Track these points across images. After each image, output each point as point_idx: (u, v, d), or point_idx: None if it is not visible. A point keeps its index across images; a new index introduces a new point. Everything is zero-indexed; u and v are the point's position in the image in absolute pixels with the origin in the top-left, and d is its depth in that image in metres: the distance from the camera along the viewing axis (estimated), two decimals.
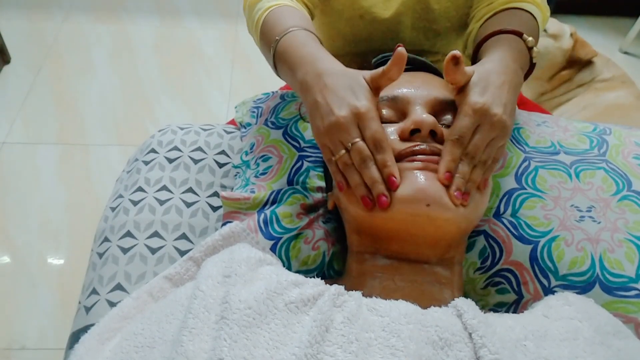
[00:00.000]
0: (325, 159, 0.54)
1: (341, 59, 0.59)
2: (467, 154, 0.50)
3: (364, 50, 0.82)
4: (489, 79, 0.52)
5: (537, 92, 1.49)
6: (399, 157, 0.50)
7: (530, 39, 0.61)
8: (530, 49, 0.61)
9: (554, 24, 1.43)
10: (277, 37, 0.61)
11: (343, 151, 0.50)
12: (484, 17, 0.70)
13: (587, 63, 1.44)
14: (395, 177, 0.48)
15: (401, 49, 0.49)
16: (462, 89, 0.52)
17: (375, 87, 0.52)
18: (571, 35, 1.43)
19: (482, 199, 0.53)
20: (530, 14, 0.67)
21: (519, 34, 0.61)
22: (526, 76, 0.63)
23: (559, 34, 1.41)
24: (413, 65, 0.63)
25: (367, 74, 0.53)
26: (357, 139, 0.49)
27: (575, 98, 1.44)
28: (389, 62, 0.50)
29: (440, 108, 0.55)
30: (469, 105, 0.50)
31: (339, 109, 0.50)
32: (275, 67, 0.65)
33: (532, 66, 0.63)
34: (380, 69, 0.52)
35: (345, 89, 0.51)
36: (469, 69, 0.52)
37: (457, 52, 0.49)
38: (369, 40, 0.80)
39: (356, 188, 0.50)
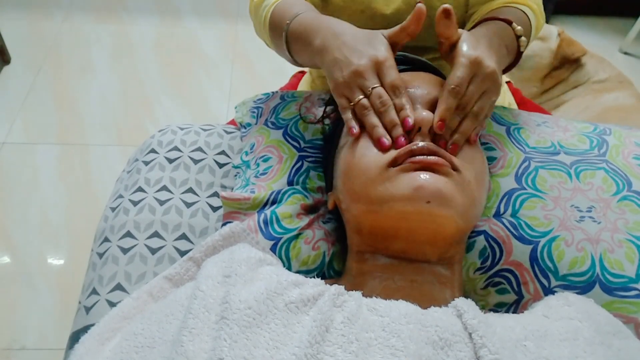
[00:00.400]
0: (341, 108, 0.55)
1: None
2: (459, 105, 0.51)
3: None
4: (478, 39, 0.55)
5: (531, 93, 1.49)
6: (399, 158, 0.50)
7: (518, 27, 0.62)
8: (518, 37, 0.62)
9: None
10: (287, 22, 0.63)
11: (362, 96, 0.52)
12: (481, 17, 0.71)
13: (577, 61, 1.44)
14: (410, 119, 0.51)
15: (421, 5, 0.52)
16: (452, 48, 0.54)
17: (393, 42, 0.54)
18: (559, 34, 1.43)
19: (481, 197, 0.53)
20: (525, 14, 0.68)
21: (509, 22, 0.62)
22: (513, 65, 0.65)
23: (546, 36, 1.42)
24: (413, 65, 0.63)
25: (385, 31, 0.55)
26: (377, 84, 0.52)
27: (573, 99, 1.44)
28: (408, 17, 0.53)
29: None
30: (465, 57, 0.52)
31: (358, 59, 0.53)
32: (290, 52, 0.66)
33: (518, 54, 0.64)
34: (398, 26, 0.54)
35: (364, 43, 0.54)
36: (458, 30, 0.54)
37: (447, 6, 0.51)
38: None
39: (373, 129, 0.52)
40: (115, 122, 1.69)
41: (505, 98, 0.99)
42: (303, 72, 1.07)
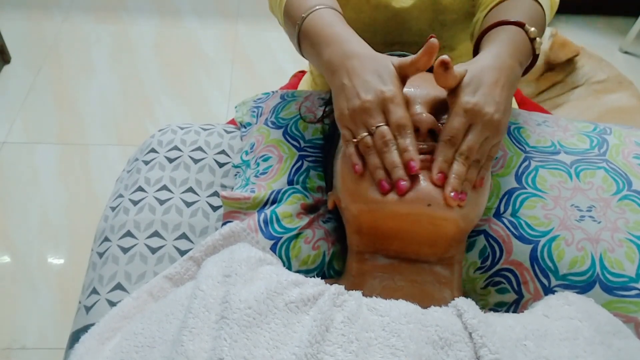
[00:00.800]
0: (343, 141, 0.54)
1: None
2: (461, 154, 0.49)
3: (371, 40, 0.82)
4: (482, 78, 0.51)
5: (527, 94, 1.49)
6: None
7: (532, 29, 0.59)
8: (532, 40, 0.59)
9: None
10: (302, 15, 0.61)
11: (365, 133, 0.50)
12: (490, 5, 0.68)
13: (570, 62, 1.44)
14: (414, 163, 0.48)
15: (434, 40, 0.49)
16: (454, 89, 0.52)
17: (402, 75, 0.52)
18: (552, 36, 1.43)
19: (482, 198, 0.53)
20: (538, 3, 0.65)
21: (522, 25, 0.59)
22: (530, 67, 0.62)
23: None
24: None
25: (396, 60, 0.52)
26: (382, 123, 0.50)
27: (573, 101, 1.44)
28: (420, 51, 0.50)
29: (439, 107, 0.55)
30: (460, 106, 0.50)
31: (365, 92, 0.51)
32: (300, 46, 0.64)
33: (535, 57, 0.61)
34: (409, 58, 0.51)
35: (373, 74, 0.51)
36: (460, 69, 0.52)
37: (445, 58, 0.49)
38: (373, 27, 0.79)
39: (374, 171, 0.50)
40: (115, 122, 1.69)
41: None
42: (303, 72, 1.07)
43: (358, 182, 0.52)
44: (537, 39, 0.59)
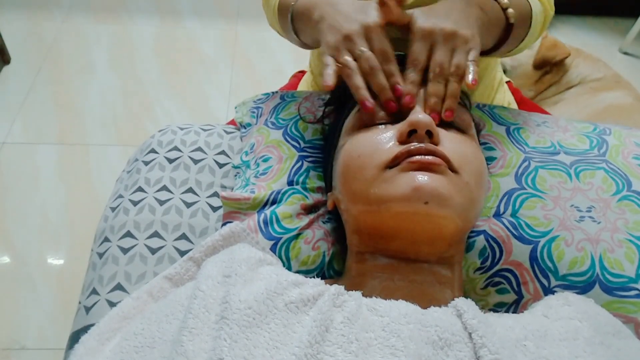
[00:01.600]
0: (323, 66, 0.55)
1: None
2: (435, 74, 0.51)
3: None
4: (432, 9, 0.55)
5: (526, 96, 1.49)
6: (396, 159, 0.50)
7: (505, 0, 0.61)
8: (505, 9, 0.61)
9: None
10: (292, 3, 0.64)
11: (348, 57, 0.53)
12: None
13: (561, 63, 1.45)
14: (400, 86, 0.51)
15: None
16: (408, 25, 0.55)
17: (385, 9, 0.55)
18: (541, 37, 1.44)
19: (480, 197, 0.53)
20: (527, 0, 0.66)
21: None
22: (504, 39, 0.63)
23: (534, 45, 1.43)
24: None
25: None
26: (365, 49, 0.53)
27: (570, 98, 1.44)
28: None
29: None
30: (416, 32, 0.53)
31: (349, 24, 0.54)
32: (296, 33, 0.67)
33: (509, 26, 0.62)
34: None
35: (357, 10, 0.55)
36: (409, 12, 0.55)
37: None
38: None
39: (357, 91, 0.53)
40: (115, 122, 1.69)
41: (505, 98, 0.99)
42: (303, 72, 1.07)
43: (358, 182, 0.52)
44: (510, 9, 0.61)
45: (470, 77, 0.52)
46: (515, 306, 0.59)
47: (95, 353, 0.48)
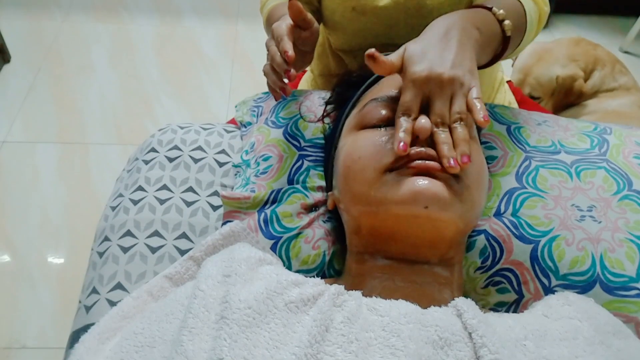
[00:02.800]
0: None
1: (347, 54, 0.60)
2: (437, 123, 0.50)
3: (362, 44, 0.82)
4: (426, 44, 0.52)
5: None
6: (396, 163, 0.50)
7: (500, 11, 0.59)
8: (501, 22, 0.59)
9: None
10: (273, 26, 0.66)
11: (266, 63, 0.62)
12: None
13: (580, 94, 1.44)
14: (287, 51, 0.56)
15: (370, 51, 0.51)
16: (401, 68, 0.53)
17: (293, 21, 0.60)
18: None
19: (481, 199, 0.53)
20: (519, 2, 0.65)
21: (489, 8, 0.60)
22: (502, 53, 0.62)
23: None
24: None
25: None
26: (272, 45, 0.61)
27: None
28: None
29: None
30: (408, 79, 0.50)
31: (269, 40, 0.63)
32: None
33: (505, 39, 0.61)
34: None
35: (278, 23, 0.62)
36: (399, 50, 0.53)
37: (371, 51, 0.51)
38: (364, 33, 0.80)
39: (273, 84, 0.63)
40: (115, 121, 1.69)
41: (506, 97, 0.99)
42: (303, 71, 1.07)
43: (358, 184, 0.52)
44: (506, 20, 0.59)
45: (480, 115, 0.49)
46: (516, 306, 0.59)
47: (96, 352, 0.48)
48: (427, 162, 0.49)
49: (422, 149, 0.49)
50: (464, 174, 0.50)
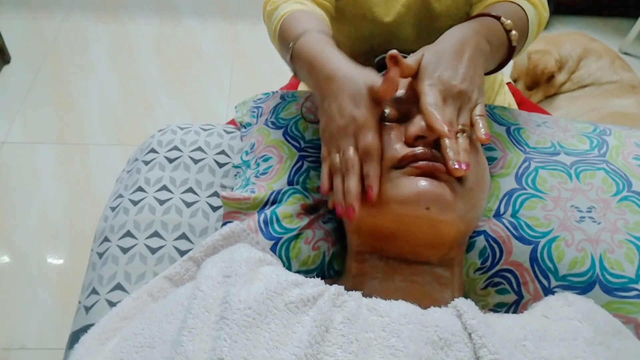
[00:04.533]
0: (322, 156, 0.56)
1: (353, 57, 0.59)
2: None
3: (367, 50, 0.82)
4: (441, 53, 0.54)
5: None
6: (402, 161, 0.50)
7: (508, 22, 0.61)
8: (508, 32, 0.61)
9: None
10: (291, 44, 0.63)
11: (336, 155, 0.52)
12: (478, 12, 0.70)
13: (551, 78, 1.45)
14: (372, 190, 0.49)
15: (393, 52, 0.51)
16: (416, 74, 0.54)
17: (376, 99, 0.52)
18: (528, 57, 1.44)
19: (482, 201, 0.53)
20: (522, 8, 0.66)
21: (497, 17, 0.61)
22: (507, 60, 0.64)
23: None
24: None
25: (370, 81, 0.53)
26: (350, 147, 0.51)
27: (582, 98, 1.42)
28: (382, 80, 0.51)
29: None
30: (423, 87, 0.52)
31: (340, 117, 0.52)
32: (295, 72, 0.66)
33: (511, 49, 0.63)
34: (381, 80, 0.52)
35: (347, 97, 0.53)
36: (417, 54, 0.54)
37: (393, 52, 0.51)
38: (371, 39, 0.80)
39: (335, 192, 0.52)
40: (115, 122, 1.69)
41: (506, 99, 0.99)
42: None
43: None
44: (513, 31, 0.61)
45: (482, 132, 0.52)
46: (515, 306, 0.59)
47: (95, 353, 0.48)
48: (433, 163, 0.49)
49: (427, 150, 0.50)
50: (466, 177, 0.51)
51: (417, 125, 0.51)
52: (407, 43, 0.80)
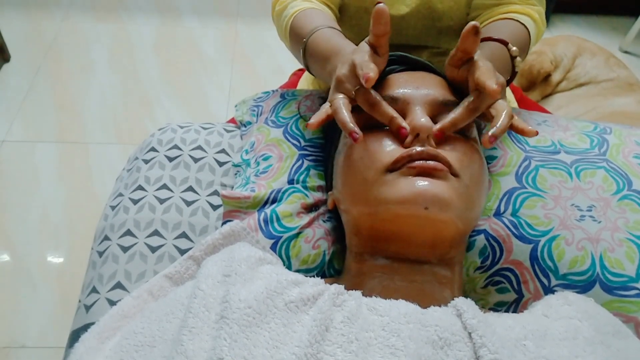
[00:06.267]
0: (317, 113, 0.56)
1: None
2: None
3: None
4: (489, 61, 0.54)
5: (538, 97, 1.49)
6: (397, 163, 0.50)
7: (514, 48, 0.63)
8: (513, 58, 0.63)
9: None
10: (304, 39, 0.65)
11: (341, 95, 0.53)
12: (484, 23, 0.72)
13: (548, 78, 1.45)
14: (369, 75, 0.49)
15: (380, 6, 0.51)
16: (467, 62, 0.53)
17: (373, 46, 0.54)
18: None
19: (480, 200, 0.53)
20: (525, 27, 0.69)
21: (505, 43, 0.63)
22: (508, 83, 0.65)
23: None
24: (414, 66, 0.63)
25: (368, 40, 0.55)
26: (358, 86, 0.52)
27: (582, 97, 1.42)
28: (372, 22, 0.52)
29: (439, 109, 0.54)
30: (490, 86, 0.50)
31: (341, 68, 0.54)
32: (308, 67, 0.68)
33: (513, 74, 0.65)
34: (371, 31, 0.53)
35: (351, 53, 0.55)
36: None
37: (476, 23, 0.51)
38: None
39: (344, 125, 0.50)
40: (115, 121, 1.69)
41: (505, 96, 1.00)
42: (303, 70, 1.07)
43: (358, 184, 0.52)
44: (518, 57, 0.63)
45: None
46: (516, 305, 0.59)
47: (95, 352, 0.48)
48: (428, 162, 0.49)
49: (423, 148, 0.50)
50: (464, 174, 0.50)
51: (410, 124, 0.51)
52: (410, 40, 0.81)
